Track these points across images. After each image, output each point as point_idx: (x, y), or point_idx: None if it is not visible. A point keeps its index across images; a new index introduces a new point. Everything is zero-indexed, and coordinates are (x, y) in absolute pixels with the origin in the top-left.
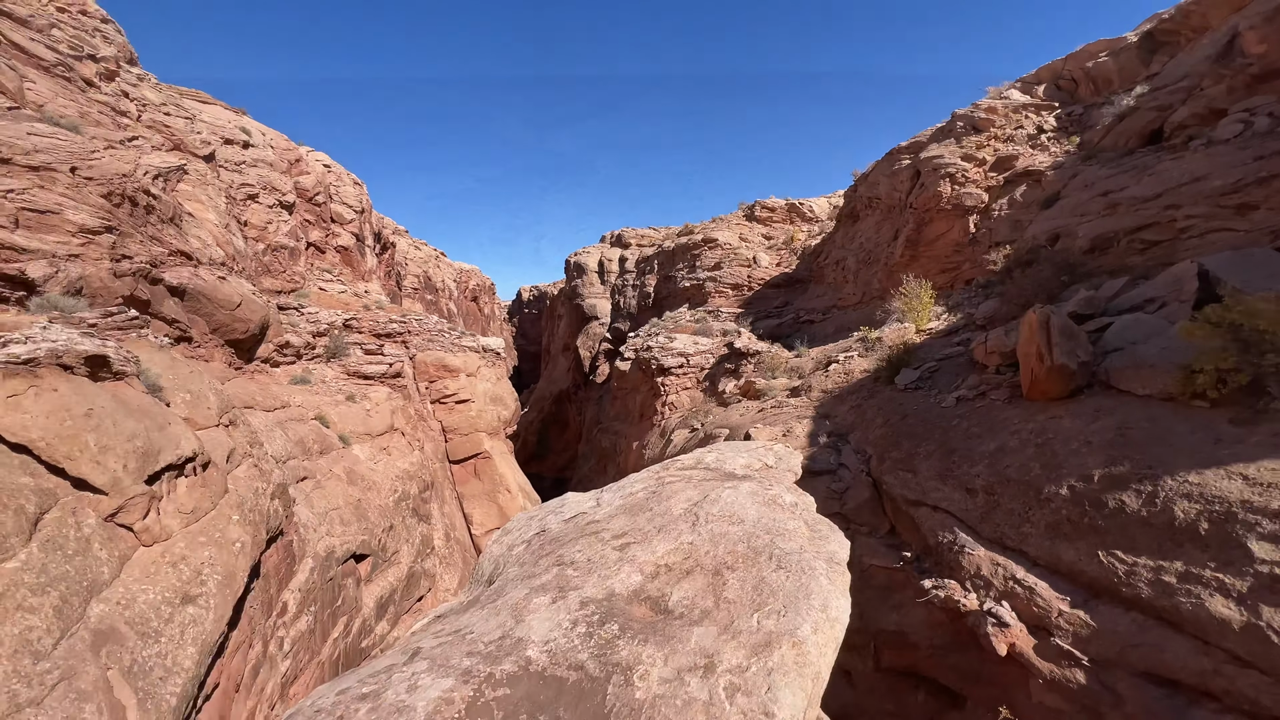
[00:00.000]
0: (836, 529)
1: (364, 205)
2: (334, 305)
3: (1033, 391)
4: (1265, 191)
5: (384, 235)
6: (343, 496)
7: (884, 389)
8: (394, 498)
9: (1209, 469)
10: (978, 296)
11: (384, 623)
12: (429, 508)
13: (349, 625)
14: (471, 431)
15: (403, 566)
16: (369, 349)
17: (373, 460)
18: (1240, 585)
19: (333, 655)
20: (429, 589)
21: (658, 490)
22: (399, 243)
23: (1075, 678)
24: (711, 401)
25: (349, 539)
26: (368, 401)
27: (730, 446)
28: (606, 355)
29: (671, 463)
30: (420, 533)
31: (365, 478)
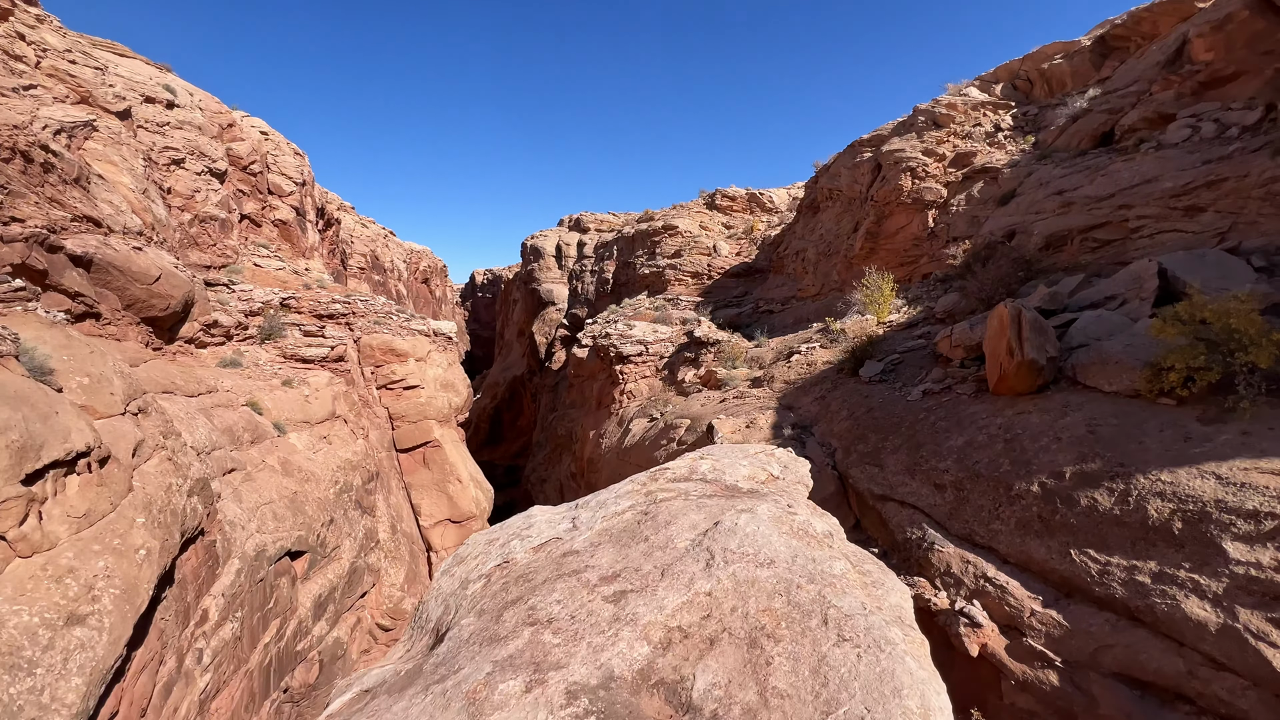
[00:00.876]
0: (886, 568)
1: (305, 177)
2: (271, 283)
3: (1000, 386)
4: (1213, 195)
5: (328, 211)
6: (276, 489)
7: (848, 381)
8: (335, 489)
9: (1181, 467)
10: (937, 290)
11: (322, 623)
12: (374, 499)
13: (282, 628)
14: (420, 419)
15: (344, 562)
16: (309, 330)
17: (312, 450)
18: (1216, 586)
19: (263, 662)
20: (373, 584)
21: (650, 511)
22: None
23: (1048, 679)
24: (671, 390)
25: (283, 535)
26: (307, 387)
27: (726, 452)
28: (563, 342)
29: (660, 472)
30: (364, 526)
31: (303, 468)
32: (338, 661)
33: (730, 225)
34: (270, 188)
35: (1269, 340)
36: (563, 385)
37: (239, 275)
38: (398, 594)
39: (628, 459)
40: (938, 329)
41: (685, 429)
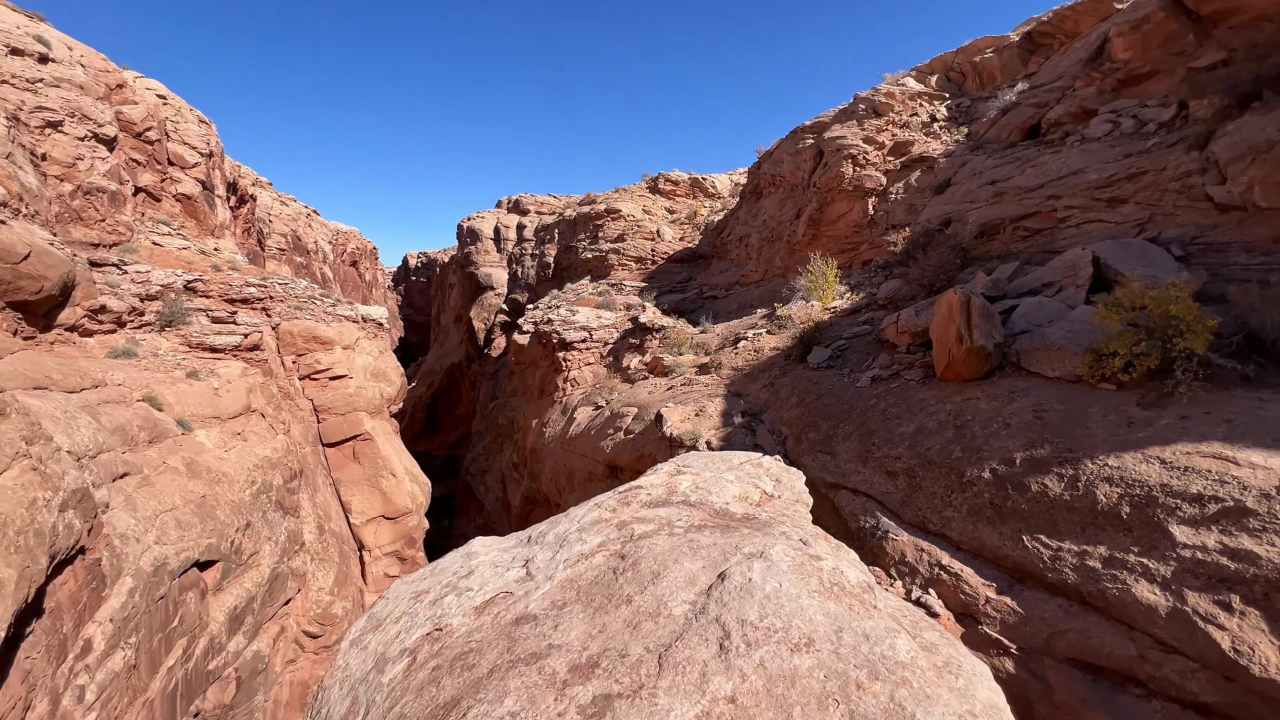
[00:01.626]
0: (947, 633)
1: (212, 148)
2: (173, 264)
3: (948, 372)
4: (1134, 187)
5: (241, 186)
6: (181, 494)
7: (796, 367)
8: (251, 490)
9: (1127, 452)
10: (878, 277)
11: (239, 637)
12: (297, 499)
13: (190, 647)
14: (349, 411)
15: (264, 569)
16: (218, 316)
17: (223, 448)
18: (1164, 570)
19: (167, 688)
20: (298, 590)
21: (627, 553)
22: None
23: (1004, 666)
24: (616, 377)
25: (188, 545)
26: (216, 379)
27: (707, 464)
28: (503, 328)
29: (631, 493)
30: (286, 528)
31: (213, 469)
32: (258, 677)
33: (673, 210)
34: (171, 158)
35: (1203, 326)
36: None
37: (134, 255)
38: (327, 598)
39: (573, 448)
40: (881, 315)
41: (633, 417)
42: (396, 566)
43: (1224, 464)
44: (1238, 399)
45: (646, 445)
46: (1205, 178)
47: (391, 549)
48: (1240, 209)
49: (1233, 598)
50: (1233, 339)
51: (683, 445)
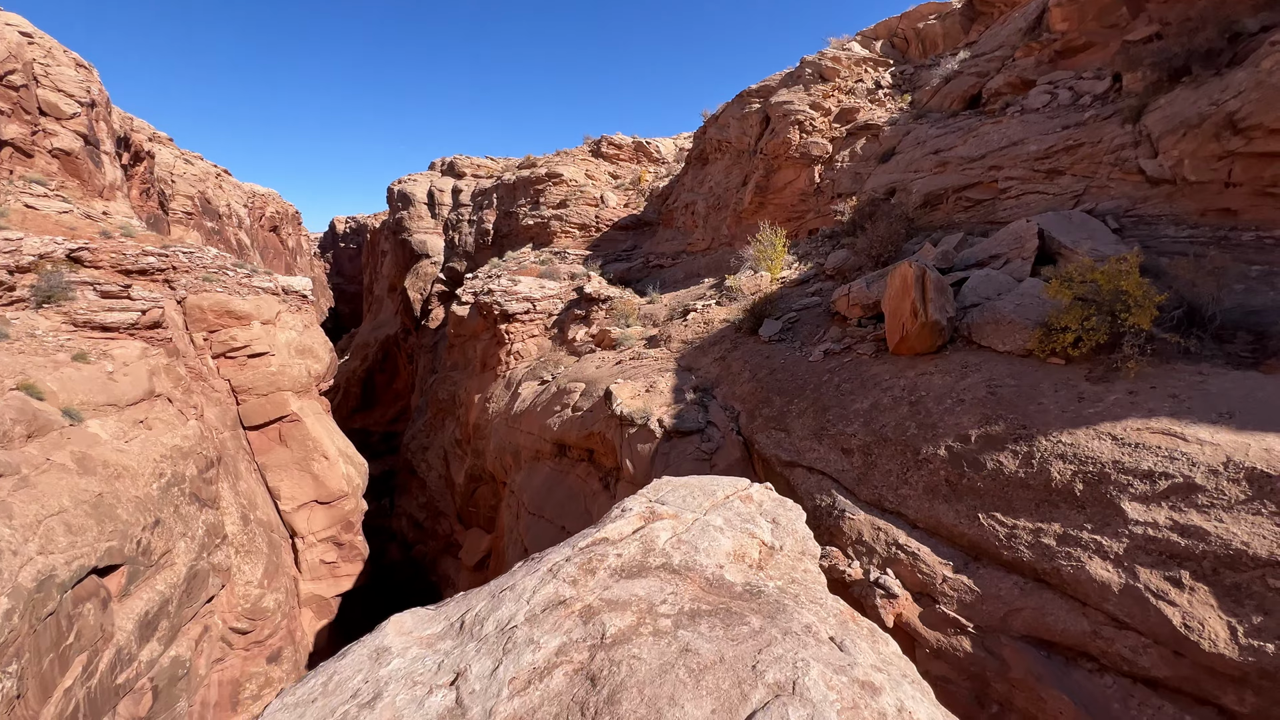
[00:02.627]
0: None
1: (95, 97)
2: (51, 230)
3: (901, 346)
4: (1071, 159)
5: (135, 141)
6: (71, 494)
7: (747, 340)
8: (160, 483)
9: (1079, 429)
10: (825, 246)
11: (153, 644)
12: (215, 489)
13: (93, 663)
14: (272, 391)
15: (179, 568)
16: (108, 290)
17: (122, 438)
18: (1117, 547)
19: (64, 712)
20: (222, 586)
21: (599, 677)
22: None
23: (961, 645)
24: (562, 350)
25: (82, 550)
26: (109, 361)
27: (688, 500)
28: (441, 298)
29: (598, 551)
30: (204, 521)
31: (111, 463)
32: (179, 683)
33: (617, 175)
34: (43, 107)
35: (1150, 302)
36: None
37: (2, 220)
38: (255, 591)
39: (518, 426)
40: (830, 286)
41: (580, 393)
42: (333, 552)
43: (1173, 440)
44: (1180, 373)
45: (595, 423)
46: (1138, 151)
47: (327, 534)
48: (1170, 182)
49: (1183, 574)
50: (1174, 313)
51: (633, 423)
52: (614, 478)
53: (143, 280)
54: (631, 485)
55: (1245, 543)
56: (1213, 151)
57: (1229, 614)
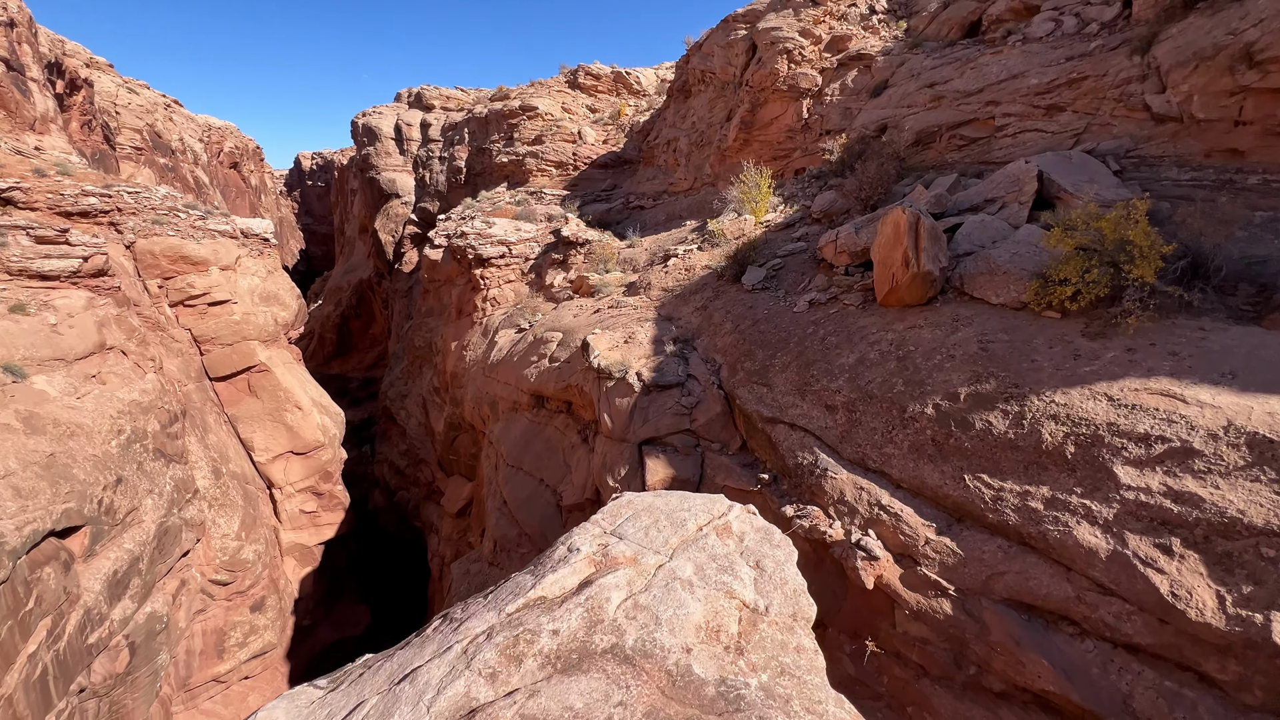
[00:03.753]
0: None
1: (14, 16)
2: None
3: (890, 298)
4: (1074, 94)
5: (69, 68)
6: (18, 455)
7: (729, 289)
8: (119, 440)
9: (1074, 388)
10: (812, 188)
11: (126, 602)
12: (182, 443)
13: (58, 626)
14: (238, 340)
15: (147, 525)
16: (44, 235)
17: (73, 395)
18: (1106, 512)
19: (31, 677)
20: (197, 540)
21: None
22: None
23: (941, 607)
24: (539, 296)
25: (35, 514)
26: (52, 313)
27: (646, 530)
28: (414, 240)
29: (525, 632)
30: (172, 477)
31: (63, 421)
32: (157, 637)
33: (595, 109)
34: None
35: (1156, 254)
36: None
37: None
38: (233, 544)
39: (495, 376)
40: (816, 230)
41: (557, 343)
42: (313, 502)
43: (1172, 402)
44: (1180, 328)
45: (573, 375)
46: (1145, 85)
47: (305, 485)
48: (1176, 120)
49: (1174, 541)
50: (1178, 264)
51: (611, 376)
52: (592, 430)
53: (85, 223)
54: (610, 440)
55: (1241, 510)
56: (1225, 86)
57: (1218, 583)
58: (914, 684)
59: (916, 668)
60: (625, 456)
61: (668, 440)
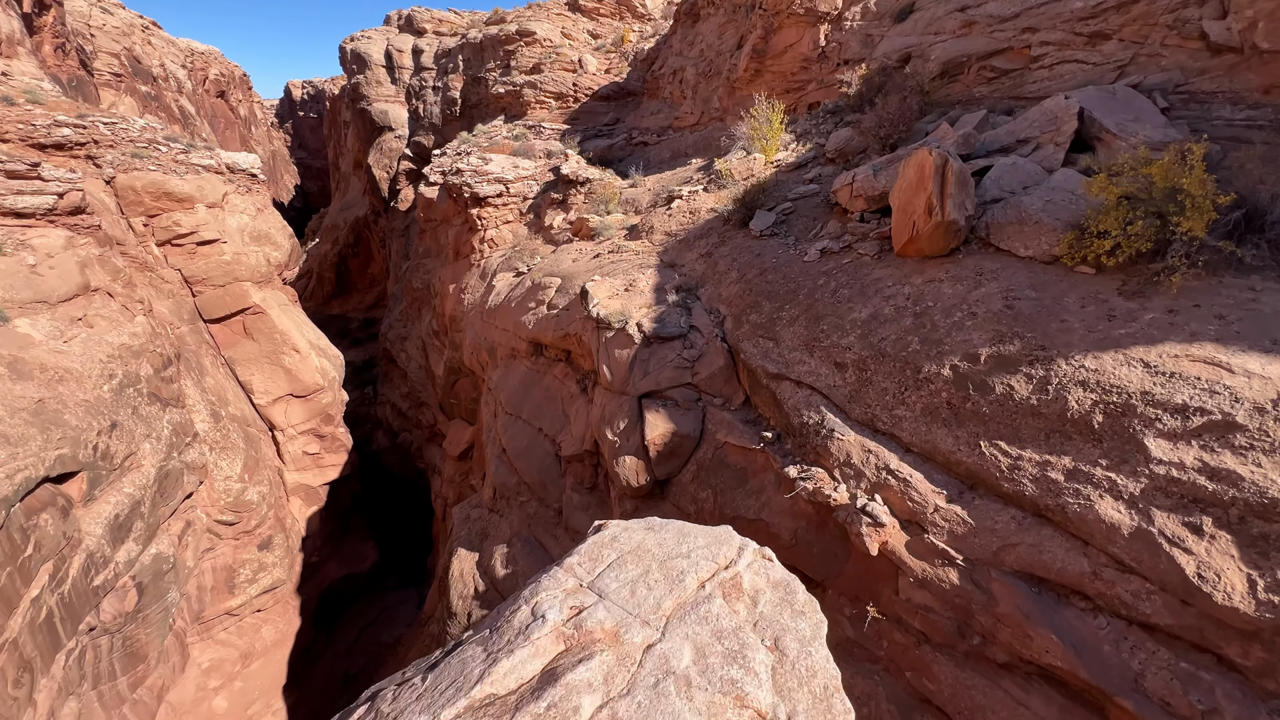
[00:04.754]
0: None
1: None
2: None
3: (908, 248)
4: (1121, 19)
5: None
6: (5, 402)
7: (736, 234)
8: (111, 385)
9: (1106, 352)
10: (827, 124)
11: (130, 544)
12: (177, 387)
13: (61, 570)
14: (229, 282)
15: (146, 470)
16: (14, 170)
17: (60, 339)
18: (1133, 487)
19: (36, 620)
20: (200, 483)
21: None
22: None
23: (948, 577)
24: (538, 238)
25: (27, 461)
26: (31, 252)
27: (636, 586)
28: (409, 177)
29: None
30: (169, 421)
31: (50, 366)
32: (165, 577)
33: (598, 34)
34: None
35: (1210, 204)
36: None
37: None
38: (236, 486)
39: (493, 321)
40: (830, 171)
41: (556, 289)
42: (315, 444)
43: (1216, 370)
44: (1228, 288)
45: (571, 323)
46: (1203, 9)
47: (307, 428)
48: (1235, 51)
49: (1204, 520)
50: (1231, 216)
51: (610, 327)
52: (591, 381)
53: (60, 156)
54: (609, 392)
55: None
56: None
57: (1251, 566)
58: (914, 650)
59: (918, 634)
60: (624, 409)
61: (668, 394)
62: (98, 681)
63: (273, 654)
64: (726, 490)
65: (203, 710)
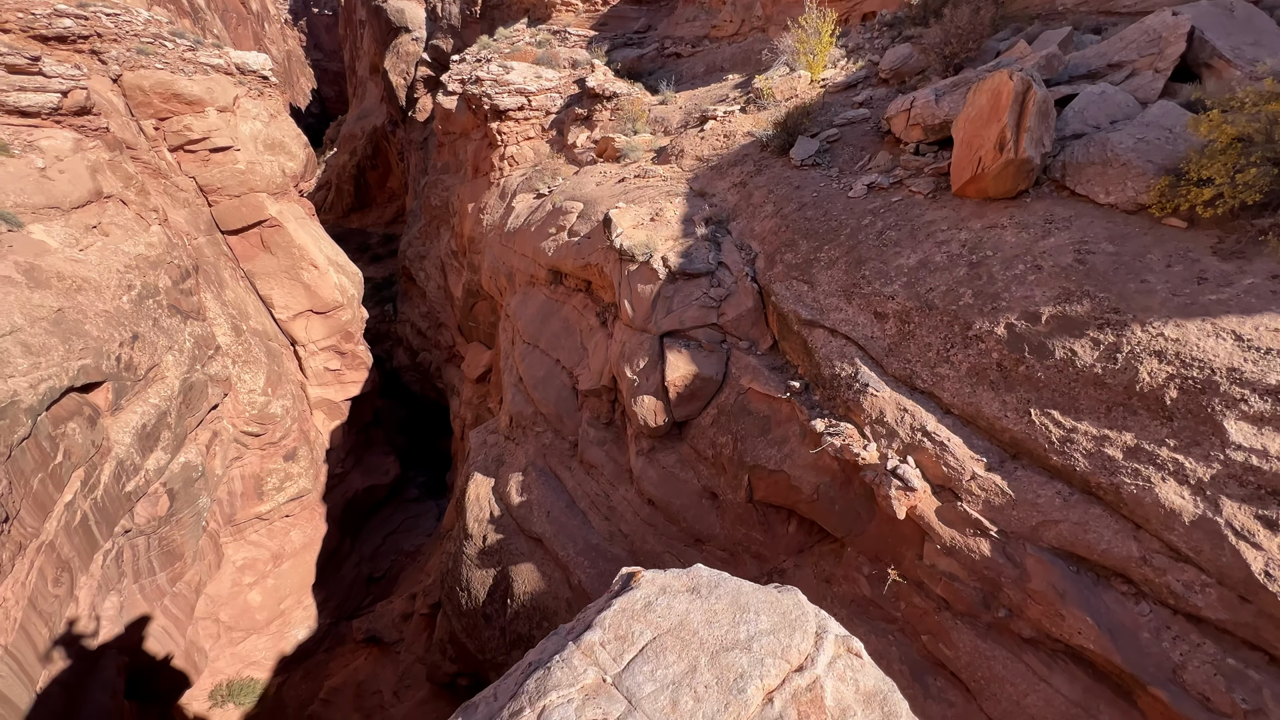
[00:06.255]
0: None
1: None
2: None
3: (969, 187)
4: None
5: None
6: (23, 310)
7: (774, 162)
8: (130, 296)
9: (1192, 320)
10: (883, 39)
11: (159, 453)
12: (197, 299)
13: (92, 476)
14: (245, 192)
15: (171, 381)
16: (15, 64)
17: (75, 247)
18: (1202, 472)
19: (72, 522)
20: (224, 395)
21: None
22: None
23: (978, 547)
24: (560, 157)
25: (50, 371)
26: (39, 155)
27: (677, 690)
28: (426, 84)
29: None
30: (191, 334)
31: (67, 275)
32: (195, 484)
33: None
34: None
35: None
36: (431, 142)
37: None
38: (260, 399)
39: (512, 245)
40: (884, 94)
41: (578, 215)
42: (336, 360)
43: None
44: None
45: (593, 253)
46: None
47: (327, 344)
48: None
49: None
50: None
51: (633, 259)
52: (611, 314)
53: (64, 50)
54: (629, 329)
55: None
56: None
57: None
58: (934, 615)
59: (939, 600)
60: (645, 348)
61: (692, 334)
62: (138, 576)
63: (302, 555)
64: (747, 438)
65: (239, 603)
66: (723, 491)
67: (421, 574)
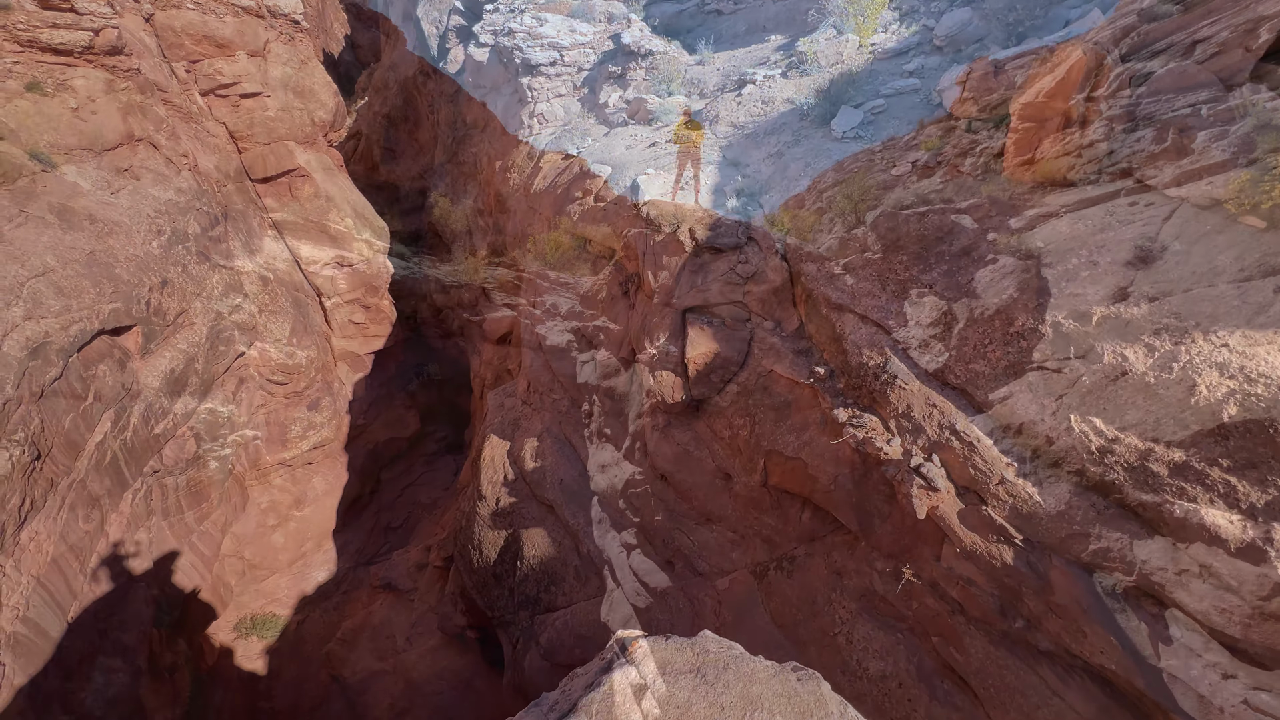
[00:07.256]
0: None
1: None
2: None
3: (1023, 170)
4: None
5: None
6: (55, 252)
7: (814, 133)
8: (160, 241)
9: (1263, 332)
10: (939, 1)
11: (186, 398)
12: (226, 246)
13: (122, 417)
14: (273, 140)
15: (199, 327)
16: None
17: (108, 189)
18: (1256, 497)
19: (102, 461)
20: (250, 343)
21: None
22: None
23: (1001, 555)
24: (591, 117)
25: (81, 314)
26: (71, 95)
27: None
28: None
29: None
30: (219, 281)
31: (99, 218)
32: (222, 428)
33: None
34: None
35: None
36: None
37: None
38: (286, 349)
39: (537, 207)
40: (936, 63)
41: (605, 179)
42: (361, 313)
43: None
44: None
45: (619, 220)
46: None
47: (352, 297)
48: None
49: None
50: None
51: (659, 229)
52: (634, 285)
53: None
54: (652, 301)
55: None
56: None
57: None
58: (946, 618)
59: (954, 604)
60: (667, 322)
61: (715, 310)
62: (167, 515)
63: (323, 501)
64: (766, 421)
65: (263, 543)
66: (737, 473)
67: (437, 526)
